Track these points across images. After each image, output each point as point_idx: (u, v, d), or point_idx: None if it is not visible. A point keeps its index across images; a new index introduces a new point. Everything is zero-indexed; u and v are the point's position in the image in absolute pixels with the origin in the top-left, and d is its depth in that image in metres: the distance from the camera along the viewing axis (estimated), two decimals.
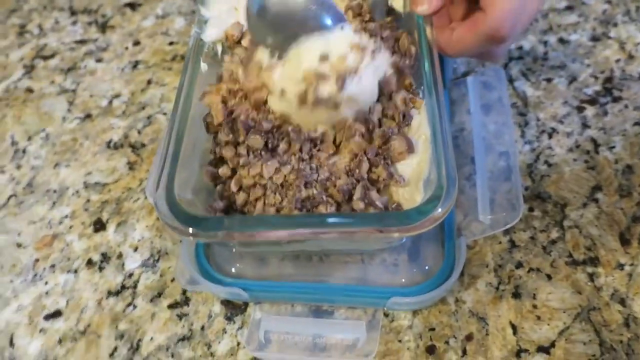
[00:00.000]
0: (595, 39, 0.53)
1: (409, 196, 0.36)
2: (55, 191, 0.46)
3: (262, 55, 0.37)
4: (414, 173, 0.36)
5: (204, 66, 0.41)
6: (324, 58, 0.35)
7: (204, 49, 0.41)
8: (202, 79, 0.41)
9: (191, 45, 0.41)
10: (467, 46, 0.40)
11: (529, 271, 0.39)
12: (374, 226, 0.31)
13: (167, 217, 0.33)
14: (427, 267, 0.39)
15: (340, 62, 0.35)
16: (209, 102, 0.40)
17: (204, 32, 0.42)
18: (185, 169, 0.37)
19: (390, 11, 0.47)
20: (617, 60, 0.51)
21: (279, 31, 0.36)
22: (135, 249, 0.42)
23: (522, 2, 0.37)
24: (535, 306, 0.38)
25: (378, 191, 0.36)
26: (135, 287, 0.41)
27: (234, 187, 0.36)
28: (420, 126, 0.38)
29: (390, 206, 0.36)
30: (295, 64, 0.36)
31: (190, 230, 0.32)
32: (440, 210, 0.31)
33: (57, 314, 0.39)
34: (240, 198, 0.37)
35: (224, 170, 0.38)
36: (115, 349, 0.38)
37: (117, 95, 0.53)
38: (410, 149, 0.37)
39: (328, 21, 0.36)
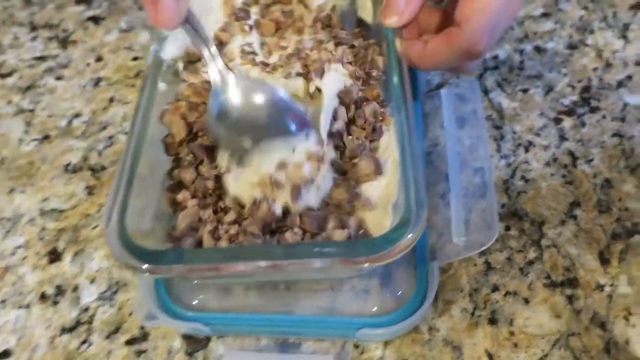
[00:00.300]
0: (572, 46, 0.51)
1: (377, 220, 0.34)
2: (9, 219, 0.44)
3: (222, 159, 0.35)
4: (382, 196, 0.34)
5: (162, 85, 0.39)
6: (281, 166, 0.33)
7: (162, 67, 0.39)
8: (161, 98, 0.38)
9: (149, 64, 0.39)
10: (441, 61, 0.38)
11: (505, 295, 0.38)
12: (340, 257, 0.29)
13: (119, 253, 0.30)
14: (399, 293, 0.37)
15: (296, 171, 0.33)
16: (169, 121, 0.38)
17: (163, 50, 0.40)
18: (143, 195, 0.35)
19: (360, 22, 0.46)
20: (595, 69, 0.50)
21: (240, 136, 0.34)
22: (92, 281, 0.40)
23: (498, 15, 0.36)
24: (512, 333, 0.36)
25: (348, 214, 0.34)
26: (91, 322, 0.38)
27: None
28: (389, 146, 0.36)
29: (357, 232, 0.34)
30: (254, 169, 0.34)
31: (145, 266, 0.30)
32: (410, 236, 0.29)
33: (5, 354, 0.37)
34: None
35: (183, 195, 0.36)
36: None
37: (77, 115, 0.50)
38: (377, 170, 0.35)
39: (292, 127, 0.34)
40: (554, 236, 0.40)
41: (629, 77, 0.49)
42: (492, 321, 0.37)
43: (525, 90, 0.49)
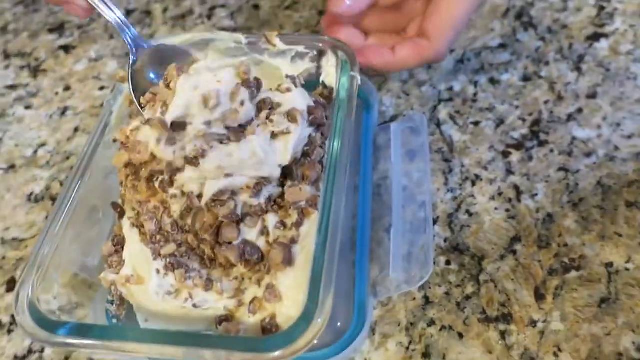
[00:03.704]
0: (526, 78, 0.53)
1: (286, 311, 0.34)
2: None
3: None
4: (292, 287, 0.34)
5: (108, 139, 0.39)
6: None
7: (112, 120, 0.40)
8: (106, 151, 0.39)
9: (102, 115, 0.40)
10: (409, 67, 0.44)
11: (441, 329, 0.39)
12: (253, 352, 0.29)
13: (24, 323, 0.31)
14: (338, 324, 0.39)
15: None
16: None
17: (116, 103, 0.41)
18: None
19: (324, 86, 0.45)
20: (546, 102, 0.51)
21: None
22: None
23: (464, 25, 0.43)
24: None
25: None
26: (42, 351, 0.40)
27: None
28: (308, 235, 0.35)
29: (265, 320, 0.34)
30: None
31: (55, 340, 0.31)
32: (319, 321, 0.29)
33: None
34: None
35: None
36: None
37: (42, 144, 0.52)
38: (287, 261, 0.34)
39: None
40: (492, 271, 0.41)
41: (579, 110, 0.50)
42: (426, 355, 0.38)
43: (476, 123, 0.50)
